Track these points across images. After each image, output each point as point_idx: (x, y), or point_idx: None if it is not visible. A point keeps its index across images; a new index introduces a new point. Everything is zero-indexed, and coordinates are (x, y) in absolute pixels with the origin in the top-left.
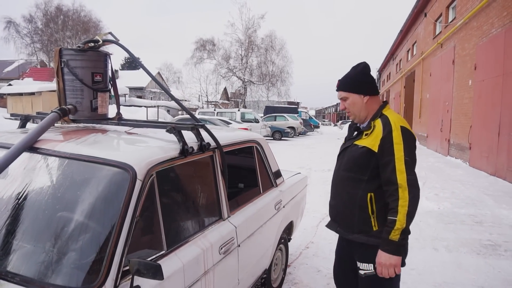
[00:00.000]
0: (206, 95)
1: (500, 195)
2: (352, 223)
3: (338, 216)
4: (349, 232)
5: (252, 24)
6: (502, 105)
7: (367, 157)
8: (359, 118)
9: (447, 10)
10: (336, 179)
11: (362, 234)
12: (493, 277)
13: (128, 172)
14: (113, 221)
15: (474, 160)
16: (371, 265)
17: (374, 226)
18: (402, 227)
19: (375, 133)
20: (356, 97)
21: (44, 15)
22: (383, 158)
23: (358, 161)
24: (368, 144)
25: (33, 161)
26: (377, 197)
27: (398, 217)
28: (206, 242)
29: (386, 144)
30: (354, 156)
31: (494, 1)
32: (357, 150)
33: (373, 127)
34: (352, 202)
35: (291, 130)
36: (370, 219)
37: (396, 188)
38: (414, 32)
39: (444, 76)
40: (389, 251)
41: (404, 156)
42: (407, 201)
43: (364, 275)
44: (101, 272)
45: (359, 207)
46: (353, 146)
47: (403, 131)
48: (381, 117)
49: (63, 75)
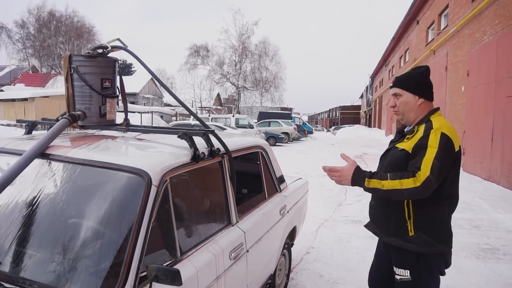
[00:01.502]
0: (200, 101)
1: (495, 200)
2: (388, 226)
3: (376, 217)
4: (385, 234)
5: (246, 30)
6: (495, 111)
7: (405, 160)
8: (407, 119)
9: (439, 18)
10: None
11: (398, 238)
12: (493, 280)
13: (143, 178)
14: (129, 226)
15: (468, 166)
16: (407, 271)
17: (410, 231)
18: (382, 187)
19: (416, 136)
20: (410, 97)
21: (37, 21)
22: (415, 153)
23: (396, 164)
24: (406, 147)
25: (45, 168)
26: (415, 202)
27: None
28: (218, 248)
29: (420, 145)
30: (393, 159)
31: (486, 9)
32: (397, 153)
33: (416, 131)
34: (389, 204)
35: (285, 136)
36: (406, 224)
37: (414, 170)
38: (407, 39)
39: (437, 83)
40: (354, 181)
41: (433, 159)
42: (409, 186)
43: (400, 280)
44: (119, 278)
45: (396, 210)
46: (394, 149)
47: (442, 137)
48: (427, 122)
49: (72, 81)
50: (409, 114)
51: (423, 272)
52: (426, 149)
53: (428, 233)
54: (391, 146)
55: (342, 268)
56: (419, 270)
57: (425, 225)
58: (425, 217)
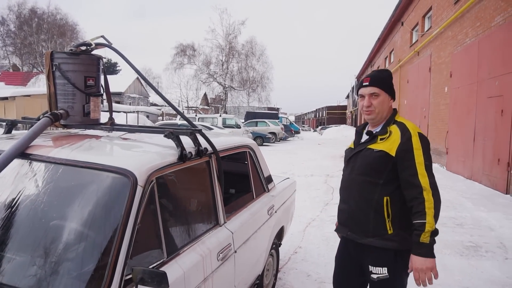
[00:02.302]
0: (186, 101)
1: (477, 198)
2: (367, 227)
3: (351, 220)
4: (362, 236)
5: (232, 30)
6: (477, 111)
7: (384, 161)
8: (379, 119)
9: (423, 20)
10: (348, 183)
11: (377, 237)
12: (477, 277)
13: (128, 178)
14: (114, 228)
15: (451, 165)
16: (385, 268)
17: (389, 229)
18: (432, 228)
19: (392, 138)
20: (386, 97)
21: (18, 18)
22: (403, 163)
23: (375, 165)
24: (386, 149)
25: (25, 168)
26: (393, 201)
27: (427, 219)
28: (205, 249)
29: (406, 149)
30: (370, 160)
31: (468, 12)
32: (373, 154)
33: (389, 133)
34: (367, 205)
35: (272, 136)
36: (385, 223)
37: (421, 191)
38: (392, 40)
39: (421, 83)
40: (422, 254)
41: (424, 161)
42: (432, 203)
43: (377, 279)
44: (103, 281)
45: (374, 210)
46: (368, 150)
47: (421, 137)
48: (396, 123)
49: (54, 79)
50: (382, 115)
51: (399, 268)
52: (412, 152)
53: (405, 230)
54: (361, 147)
55: (330, 267)
56: (396, 267)
57: (402, 222)
58: (402, 215)
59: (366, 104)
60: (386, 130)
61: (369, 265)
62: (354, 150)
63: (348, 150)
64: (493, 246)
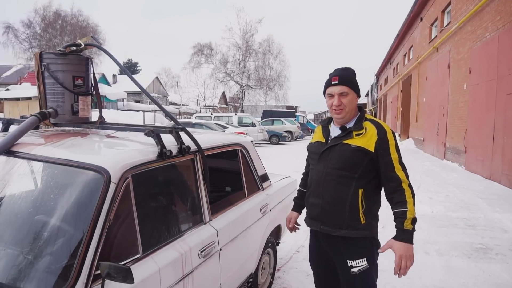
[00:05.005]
0: (204, 100)
1: (494, 199)
2: (342, 220)
3: (324, 214)
4: (336, 228)
5: (249, 29)
6: (496, 109)
7: (362, 156)
8: (348, 117)
9: (442, 15)
10: (321, 178)
11: (350, 229)
12: (482, 280)
13: (102, 175)
14: (85, 224)
15: (469, 164)
16: (364, 259)
17: (362, 220)
18: (413, 216)
19: (368, 134)
20: (354, 96)
21: (43, 20)
22: (383, 158)
23: (352, 160)
24: (363, 144)
25: (9, 165)
26: (367, 193)
27: (408, 208)
28: (185, 246)
29: (384, 145)
30: (348, 155)
31: (487, 5)
32: (349, 149)
33: (365, 128)
34: (344, 199)
35: (288, 134)
36: (359, 214)
37: (400, 183)
38: (411, 36)
39: (440, 80)
40: (405, 240)
41: (398, 156)
42: (411, 193)
43: (357, 272)
44: (71, 276)
45: (349, 203)
46: (344, 145)
47: (393, 134)
48: (369, 120)
49: (43, 78)
50: (351, 113)
51: (374, 255)
52: (389, 148)
53: (374, 218)
54: (334, 142)
55: None
56: (372, 254)
57: (372, 211)
58: (372, 205)
59: (336, 103)
60: (362, 126)
61: (348, 260)
62: (327, 144)
63: (315, 144)
64: (505, 249)
